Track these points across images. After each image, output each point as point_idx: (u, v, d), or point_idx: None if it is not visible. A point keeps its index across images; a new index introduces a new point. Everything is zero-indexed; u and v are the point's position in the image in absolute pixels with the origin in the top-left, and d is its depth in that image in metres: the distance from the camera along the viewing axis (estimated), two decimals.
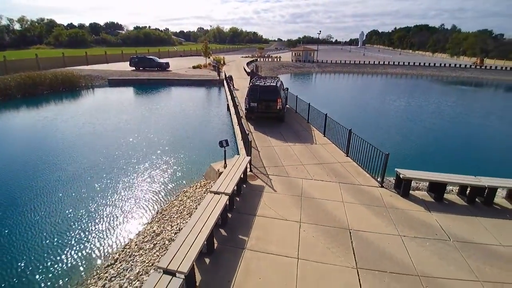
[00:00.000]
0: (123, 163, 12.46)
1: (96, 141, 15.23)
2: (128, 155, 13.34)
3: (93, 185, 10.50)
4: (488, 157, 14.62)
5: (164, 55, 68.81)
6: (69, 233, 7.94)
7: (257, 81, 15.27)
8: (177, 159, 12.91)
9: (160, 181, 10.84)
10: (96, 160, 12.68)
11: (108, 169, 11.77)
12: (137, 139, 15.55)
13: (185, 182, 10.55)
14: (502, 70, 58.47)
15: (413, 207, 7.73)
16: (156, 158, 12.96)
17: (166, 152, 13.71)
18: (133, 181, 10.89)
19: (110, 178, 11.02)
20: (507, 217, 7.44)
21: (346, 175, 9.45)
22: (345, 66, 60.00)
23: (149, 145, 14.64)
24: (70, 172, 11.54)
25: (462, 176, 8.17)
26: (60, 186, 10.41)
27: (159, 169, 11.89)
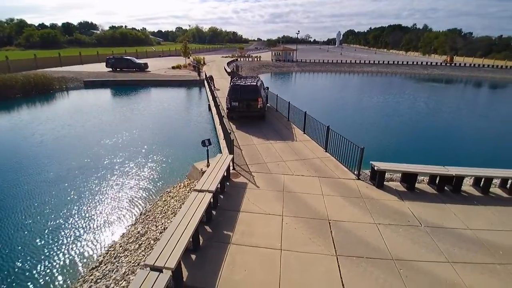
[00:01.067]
0: (104, 165, 12.25)
1: (76, 143, 14.84)
2: (109, 157, 13.11)
3: (74, 188, 10.28)
4: (456, 148, 15.64)
5: (142, 56, 67.27)
6: (51, 238, 7.79)
7: (238, 81, 15.46)
8: (160, 160, 12.86)
9: (143, 182, 10.79)
10: (77, 163, 12.38)
11: (89, 172, 11.55)
12: (117, 141, 15.29)
13: (169, 183, 10.56)
14: (470, 67, 61.93)
15: (387, 197, 8.22)
16: (138, 160, 12.84)
17: (148, 153, 13.60)
18: (116, 183, 10.76)
19: (91, 181, 10.83)
20: (474, 203, 8.07)
21: (325, 169, 9.84)
22: (324, 65, 61.32)
23: (130, 147, 14.44)
24: (50, 175, 11.23)
25: (431, 166, 8.77)
26: (41, 190, 10.13)
27: (141, 171, 11.81)
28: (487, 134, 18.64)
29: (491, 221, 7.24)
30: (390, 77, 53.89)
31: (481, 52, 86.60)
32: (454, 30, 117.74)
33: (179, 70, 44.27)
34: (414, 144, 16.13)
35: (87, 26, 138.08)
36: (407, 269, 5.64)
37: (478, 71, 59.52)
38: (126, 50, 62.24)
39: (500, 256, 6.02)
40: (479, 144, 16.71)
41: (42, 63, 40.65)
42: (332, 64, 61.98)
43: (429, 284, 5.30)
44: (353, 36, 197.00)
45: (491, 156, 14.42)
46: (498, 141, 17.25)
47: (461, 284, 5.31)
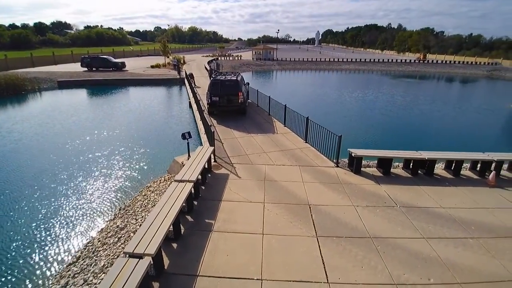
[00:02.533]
0: (83, 163, 11.85)
1: (55, 141, 14.23)
2: (88, 155, 12.69)
3: (53, 186, 9.88)
4: (430, 135, 16.43)
5: (119, 55, 65.41)
6: (27, 235, 7.46)
7: (218, 76, 15.39)
8: (140, 157, 12.59)
9: (122, 177, 10.54)
10: (56, 159, 11.91)
11: (68, 170, 11.13)
12: (97, 138, 14.83)
13: (149, 178, 10.38)
14: (442, 63, 64.83)
15: (364, 182, 8.49)
16: (118, 157, 12.51)
17: (128, 150, 13.28)
18: (95, 180, 10.44)
19: (69, 179, 10.44)
20: (446, 185, 8.49)
21: (305, 158, 10.02)
22: (304, 64, 62.13)
23: (109, 144, 14.04)
24: (29, 172, 10.75)
25: (406, 151, 9.15)
26: (18, 186, 9.67)
27: (121, 167, 11.52)
28: (457, 122, 19.65)
29: (463, 200, 7.65)
30: (367, 74, 55.45)
31: (452, 50, 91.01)
32: (426, 29, 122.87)
33: (158, 69, 43.43)
34: (390, 132, 16.75)
35: (60, 26, 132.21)
36: (385, 245, 5.86)
37: (449, 67, 62.42)
38: (102, 49, 60.28)
39: (472, 231, 6.38)
40: (450, 131, 17.56)
41: (13, 63, 38.64)
42: (311, 62, 62.93)
43: (406, 258, 5.54)
44: (332, 35, 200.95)
45: (463, 142, 15.22)
46: (468, 127, 18.22)
47: (436, 257, 5.58)
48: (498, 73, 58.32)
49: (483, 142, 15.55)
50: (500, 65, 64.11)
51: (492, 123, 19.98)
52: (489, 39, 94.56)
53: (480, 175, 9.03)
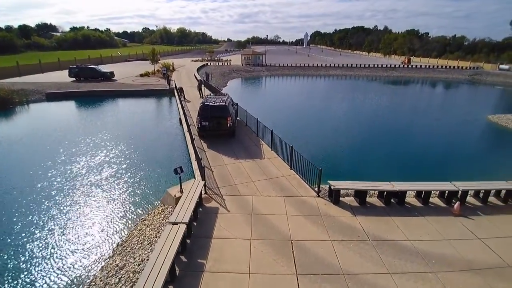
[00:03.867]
0: (75, 190, 12.32)
1: (44, 166, 14.55)
2: (79, 182, 13.15)
3: (47, 219, 10.36)
4: (407, 153, 17.50)
5: (107, 61, 65.05)
6: (29, 271, 7.97)
7: (207, 101, 16.04)
8: (133, 183, 13.12)
9: (117, 210, 11.06)
10: (46, 189, 12.30)
11: (58, 200, 11.60)
12: (86, 162, 15.24)
13: (143, 210, 10.95)
14: (426, 68, 66.98)
15: (342, 213, 9.37)
16: (110, 185, 13.01)
17: (120, 176, 13.79)
18: (88, 211, 10.96)
19: (62, 210, 10.93)
20: (415, 214, 9.46)
21: (289, 188, 10.85)
22: (292, 69, 63.23)
23: (100, 169, 14.51)
24: (20, 201, 11.12)
25: (379, 183, 10.08)
26: (10, 218, 10.08)
27: (114, 197, 12.04)
28: (436, 138, 20.85)
29: (428, 231, 8.60)
30: (354, 80, 56.94)
31: (436, 53, 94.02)
32: (412, 31, 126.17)
33: (147, 78, 43.58)
34: (370, 152, 17.69)
35: (45, 28, 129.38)
36: (355, 282, 6.71)
37: (433, 72, 64.65)
38: (89, 55, 59.76)
39: (433, 265, 7.31)
40: (429, 148, 18.64)
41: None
42: (300, 68, 64.09)
43: None
44: (320, 37, 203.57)
45: (439, 161, 16.35)
46: (445, 145, 19.41)
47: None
48: (479, 77, 60.83)
49: (460, 161, 16.60)
50: (481, 69, 66.80)
51: (471, 138, 21.23)
52: (472, 40, 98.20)
53: (447, 203, 10.05)
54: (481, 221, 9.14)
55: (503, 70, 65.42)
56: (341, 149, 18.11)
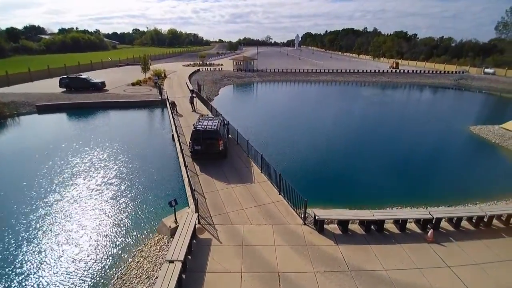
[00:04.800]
0: (67, 218, 12.76)
1: (38, 191, 14.91)
2: (70, 208, 13.58)
3: (34, 248, 10.81)
4: (387, 181, 17.49)
5: (97, 67, 64.75)
6: None
7: (199, 124, 16.57)
8: (128, 209, 13.52)
9: (112, 239, 11.46)
10: (42, 215, 12.71)
11: (47, 229, 12.03)
12: (78, 186, 15.59)
13: (138, 239, 11.42)
14: (413, 73, 68.66)
15: (325, 242, 10.14)
16: (104, 211, 13.35)
17: (115, 202, 14.11)
18: (81, 240, 11.43)
19: (53, 240, 11.38)
20: (392, 242, 10.29)
21: (278, 215, 11.57)
22: (283, 75, 64.11)
23: (92, 194, 14.84)
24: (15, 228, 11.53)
25: (360, 212, 10.93)
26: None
27: (109, 224, 12.37)
28: (419, 151, 21.88)
29: (402, 259, 9.43)
30: (343, 86, 58.18)
31: (423, 56, 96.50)
32: (400, 33, 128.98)
33: (139, 86, 43.69)
34: (356, 170, 18.55)
35: (34, 30, 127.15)
36: None
37: (419, 77, 66.39)
38: (79, 61, 59.24)
39: None
40: (412, 162, 19.63)
41: None
42: (290, 74, 65.01)
43: None
44: (311, 38, 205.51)
45: (422, 178, 17.30)
46: (428, 159, 20.44)
47: None
48: (464, 82, 62.86)
49: (440, 178, 17.39)
50: (467, 73, 68.95)
51: (452, 153, 22.17)
52: (459, 41, 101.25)
53: (422, 229, 10.93)
54: (453, 248, 10.03)
55: (488, 74, 67.77)
56: (325, 165, 18.89)
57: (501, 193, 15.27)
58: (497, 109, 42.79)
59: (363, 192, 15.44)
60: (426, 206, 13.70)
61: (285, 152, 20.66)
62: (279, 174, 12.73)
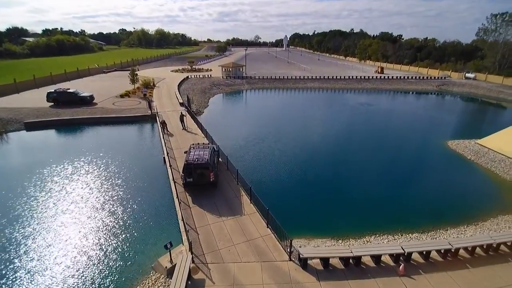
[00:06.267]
0: (57, 256, 13.37)
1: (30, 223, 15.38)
2: (60, 245, 14.11)
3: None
4: (360, 205, 18.23)
5: (84, 74, 64.15)
6: None
7: (190, 156, 17.30)
8: (121, 245, 14.07)
9: (113, 279, 12.21)
10: (36, 248, 13.26)
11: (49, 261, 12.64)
12: (68, 217, 16.13)
13: (137, 278, 12.09)
14: (397, 79, 70.81)
15: (309, 279, 11.18)
16: (96, 247, 13.91)
17: (108, 238, 14.62)
18: (80, 281, 12.13)
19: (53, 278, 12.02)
20: (368, 276, 11.43)
21: (266, 251, 12.55)
22: (272, 82, 65.18)
23: (85, 227, 15.40)
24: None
25: (340, 248, 12.09)
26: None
27: (102, 262, 12.97)
28: (396, 177, 23.25)
29: None
30: (330, 93, 59.71)
31: (407, 60, 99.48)
32: (386, 34, 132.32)
33: (128, 98, 43.80)
34: (335, 189, 19.72)
35: (16, 32, 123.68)
36: None
37: (403, 83, 68.56)
38: (65, 69, 58.46)
39: None
40: (387, 184, 20.97)
41: None
42: (279, 81, 66.15)
43: None
44: (299, 39, 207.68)
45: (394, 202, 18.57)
46: (401, 181, 21.82)
47: None
48: (446, 87, 65.43)
49: (413, 201, 18.56)
50: (448, 79, 71.71)
51: (428, 172, 23.40)
52: (443, 42, 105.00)
53: (395, 262, 12.11)
54: (421, 281, 11.24)
55: (469, 78, 70.76)
56: (307, 189, 19.86)
57: (471, 217, 16.57)
58: (477, 118, 44.56)
59: (342, 219, 16.46)
60: (402, 233, 15.08)
61: (270, 173, 21.74)
62: (267, 209, 13.72)
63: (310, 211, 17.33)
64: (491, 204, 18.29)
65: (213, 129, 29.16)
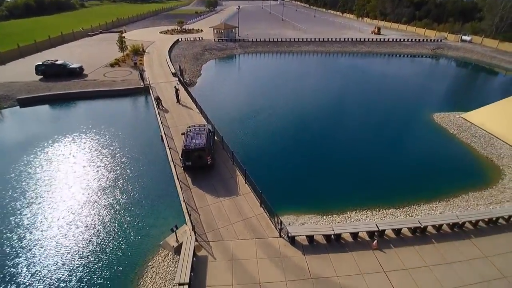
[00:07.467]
0: (70, 233, 15.10)
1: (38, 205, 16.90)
2: (70, 225, 15.84)
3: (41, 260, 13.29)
4: (344, 179, 21.08)
5: (69, 39, 61.28)
6: None
7: (188, 139, 18.29)
8: (129, 223, 15.76)
9: (125, 254, 14.05)
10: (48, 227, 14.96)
11: (54, 240, 14.42)
12: (72, 195, 17.69)
13: (147, 254, 13.98)
14: (392, 41, 69.30)
15: (296, 253, 13.15)
16: (103, 229, 15.48)
17: (115, 215, 16.32)
18: (95, 255, 13.98)
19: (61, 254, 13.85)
20: (346, 250, 13.44)
21: (259, 229, 14.39)
22: (265, 45, 63.40)
23: (89, 209, 16.89)
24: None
25: (322, 227, 13.90)
26: None
27: (117, 240, 14.79)
28: (378, 153, 24.73)
29: (351, 267, 12.60)
30: (325, 57, 58.90)
31: (406, 19, 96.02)
32: None
33: (118, 68, 42.88)
34: (321, 161, 21.30)
35: None
36: None
37: (399, 46, 67.24)
38: (50, 35, 55.63)
39: None
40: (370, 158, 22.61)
41: None
42: (273, 44, 64.32)
43: None
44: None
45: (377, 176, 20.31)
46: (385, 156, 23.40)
47: None
48: (441, 51, 64.77)
49: (395, 177, 20.24)
50: (444, 41, 70.36)
51: (411, 145, 24.79)
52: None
53: (370, 237, 14.08)
54: (391, 254, 13.28)
55: (465, 41, 69.66)
56: (295, 165, 21.44)
57: (444, 193, 18.24)
58: (466, 86, 44.69)
59: (327, 196, 18.01)
60: (379, 209, 17.01)
61: (263, 149, 23.14)
62: (260, 192, 15.32)
63: (299, 188, 18.98)
64: (465, 180, 19.75)
65: (207, 102, 29.79)
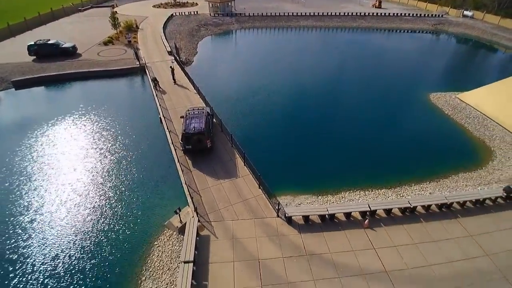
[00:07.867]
0: (80, 215, 15.90)
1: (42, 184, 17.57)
2: (79, 209, 16.59)
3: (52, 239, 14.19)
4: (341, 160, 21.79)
5: (59, 15, 59.04)
6: None
7: (187, 123, 18.59)
8: (133, 205, 16.50)
9: (132, 234, 14.94)
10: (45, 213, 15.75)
11: (64, 221, 15.25)
12: (76, 178, 18.33)
13: (153, 234, 14.91)
14: (393, 16, 67.39)
15: (292, 232, 14.08)
16: (111, 210, 16.27)
17: (119, 199, 17.00)
18: (99, 238, 14.86)
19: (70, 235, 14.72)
20: (339, 229, 14.37)
21: (258, 209, 15.23)
22: (263, 20, 61.60)
23: (95, 191, 17.64)
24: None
25: (318, 208, 14.73)
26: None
27: (118, 221, 15.53)
28: (373, 134, 25.22)
29: (343, 244, 13.58)
30: (324, 33, 57.60)
31: None
32: None
33: (112, 46, 41.95)
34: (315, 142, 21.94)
35: None
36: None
37: (399, 21, 65.45)
38: (39, 12, 53.56)
39: (341, 272, 12.42)
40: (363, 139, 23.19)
41: None
42: (270, 18, 62.46)
43: None
44: None
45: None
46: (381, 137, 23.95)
47: None
48: (442, 27, 63.34)
49: (389, 159, 20.89)
50: (446, 16, 68.50)
51: (406, 126, 25.10)
52: None
53: (362, 216, 14.99)
54: (381, 232, 14.24)
55: (466, 16, 67.88)
56: (291, 146, 22.01)
57: (435, 174, 18.96)
58: (465, 64, 44.25)
59: (323, 177, 18.60)
60: (372, 189, 17.83)
61: (261, 130, 23.60)
62: (259, 175, 16.00)
63: (295, 169, 19.67)
64: (456, 161, 20.41)
65: (205, 82, 29.76)
